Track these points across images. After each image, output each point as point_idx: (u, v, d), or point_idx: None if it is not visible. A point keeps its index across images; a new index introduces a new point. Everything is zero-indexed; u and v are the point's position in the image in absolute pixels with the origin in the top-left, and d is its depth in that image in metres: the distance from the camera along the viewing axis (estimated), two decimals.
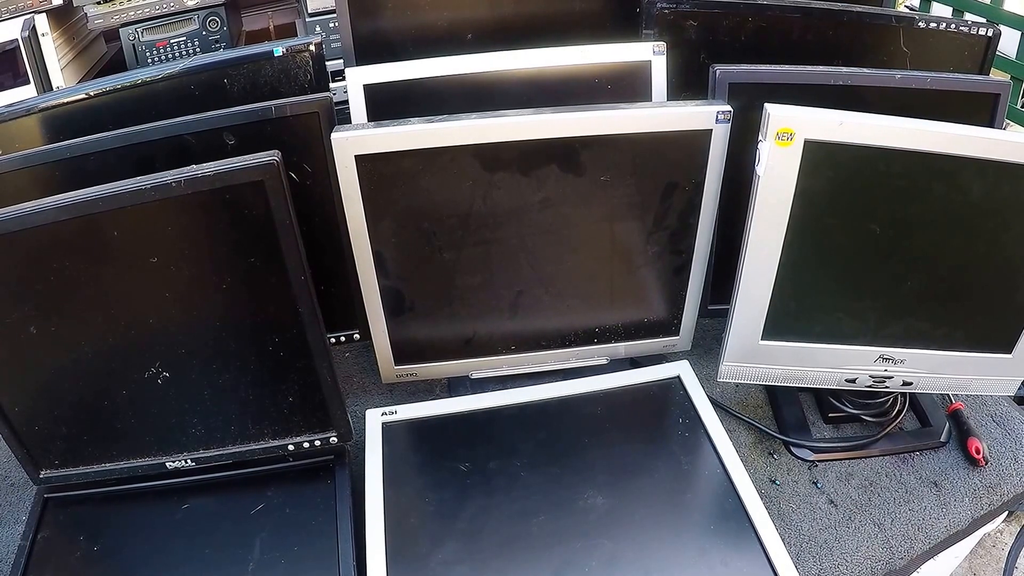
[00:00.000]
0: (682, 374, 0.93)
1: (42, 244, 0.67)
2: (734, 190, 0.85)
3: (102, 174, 0.66)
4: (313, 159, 0.84)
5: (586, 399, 0.91)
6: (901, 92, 0.87)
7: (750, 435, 0.95)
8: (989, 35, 1.02)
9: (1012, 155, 0.73)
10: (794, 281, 0.82)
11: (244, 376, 0.77)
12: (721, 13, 1.02)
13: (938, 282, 0.83)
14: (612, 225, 0.88)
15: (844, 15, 1.02)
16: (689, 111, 0.81)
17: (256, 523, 0.80)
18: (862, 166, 0.75)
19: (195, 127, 0.81)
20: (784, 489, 0.88)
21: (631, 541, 0.75)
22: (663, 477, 0.82)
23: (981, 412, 0.97)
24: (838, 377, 0.90)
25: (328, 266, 0.87)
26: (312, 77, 0.93)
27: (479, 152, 0.79)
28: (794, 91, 0.84)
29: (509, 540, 0.75)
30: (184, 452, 0.81)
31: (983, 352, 0.86)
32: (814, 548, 0.81)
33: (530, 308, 0.92)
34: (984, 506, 0.87)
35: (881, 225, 0.79)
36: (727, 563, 0.73)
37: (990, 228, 0.79)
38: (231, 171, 0.66)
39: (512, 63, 0.93)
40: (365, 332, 0.92)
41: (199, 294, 0.73)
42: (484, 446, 0.85)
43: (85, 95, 0.89)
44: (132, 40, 1.46)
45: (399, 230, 0.84)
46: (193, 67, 0.90)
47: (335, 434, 0.82)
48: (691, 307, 0.95)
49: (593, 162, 0.82)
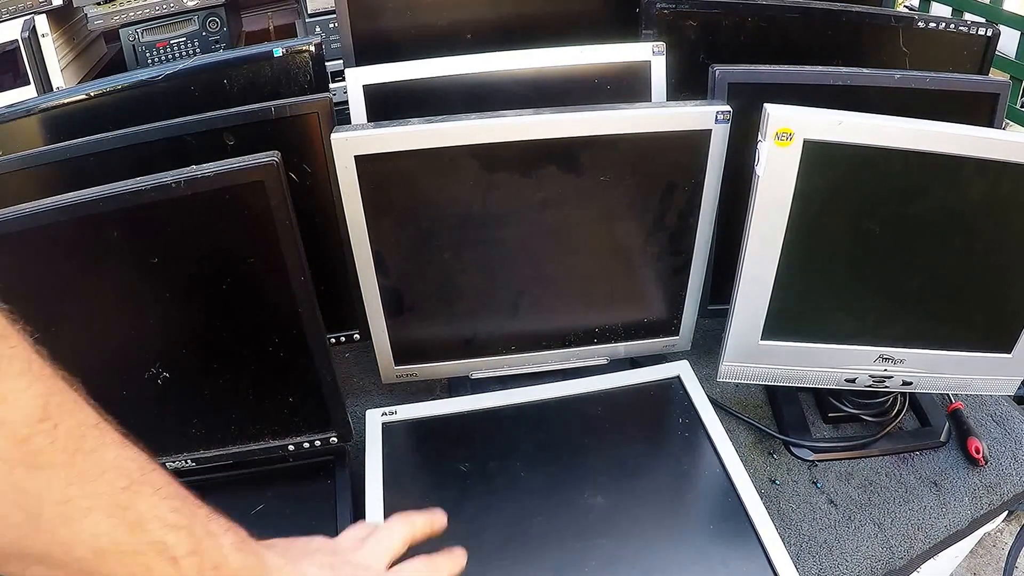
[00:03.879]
0: (682, 374, 0.93)
1: (42, 245, 0.67)
2: (734, 190, 0.85)
3: (102, 174, 0.66)
4: (313, 159, 0.84)
5: (586, 399, 0.91)
6: (901, 92, 0.87)
7: (750, 435, 0.95)
8: (989, 35, 1.03)
9: (1012, 155, 0.73)
10: (794, 281, 0.82)
11: (244, 376, 0.77)
12: (721, 13, 1.02)
13: (938, 282, 0.83)
14: (612, 225, 0.88)
15: (844, 15, 1.02)
16: (688, 111, 0.81)
17: (256, 523, 0.79)
18: (861, 166, 0.75)
19: (195, 127, 0.81)
20: (784, 489, 0.88)
21: (631, 541, 0.75)
22: (663, 477, 0.82)
23: (981, 412, 0.97)
24: (838, 377, 0.90)
25: (328, 266, 0.87)
26: (312, 78, 0.93)
27: (479, 152, 0.79)
28: (794, 91, 0.84)
29: (509, 540, 0.75)
30: (184, 452, 0.81)
31: (983, 352, 0.86)
32: (814, 548, 0.82)
33: (530, 308, 0.92)
34: (984, 506, 0.87)
35: (881, 225, 0.79)
36: (727, 563, 0.73)
37: (990, 228, 0.79)
38: (231, 171, 0.66)
39: (512, 63, 0.93)
40: (365, 332, 0.92)
41: (199, 294, 0.73)
42: (484, 446, 0.85)
43: (85, 96, 0.89)
44: (132, 41, 1.46)
45: (399, 230, 0.84)
46: (193, 67, 0.91)
47: (335, 434, 0.82)
48: (691, 307, 0.95)
49: (593, 162, 0.82)
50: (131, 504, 0.42)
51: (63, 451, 0.39)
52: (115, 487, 0.41)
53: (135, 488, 0.42)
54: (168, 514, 0.44)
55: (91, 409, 0.42)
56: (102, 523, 0.40)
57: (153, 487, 0.44)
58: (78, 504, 0.39)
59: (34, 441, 0.37)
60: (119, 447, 0.43)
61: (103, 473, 0.41)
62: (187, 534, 0.45)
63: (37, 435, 0.37)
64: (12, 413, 0.36)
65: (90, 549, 0.41)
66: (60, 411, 0.39)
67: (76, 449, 0.39)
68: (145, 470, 0.44)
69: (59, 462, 0.39)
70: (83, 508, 0.40)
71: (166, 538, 0.43)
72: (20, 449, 0.37)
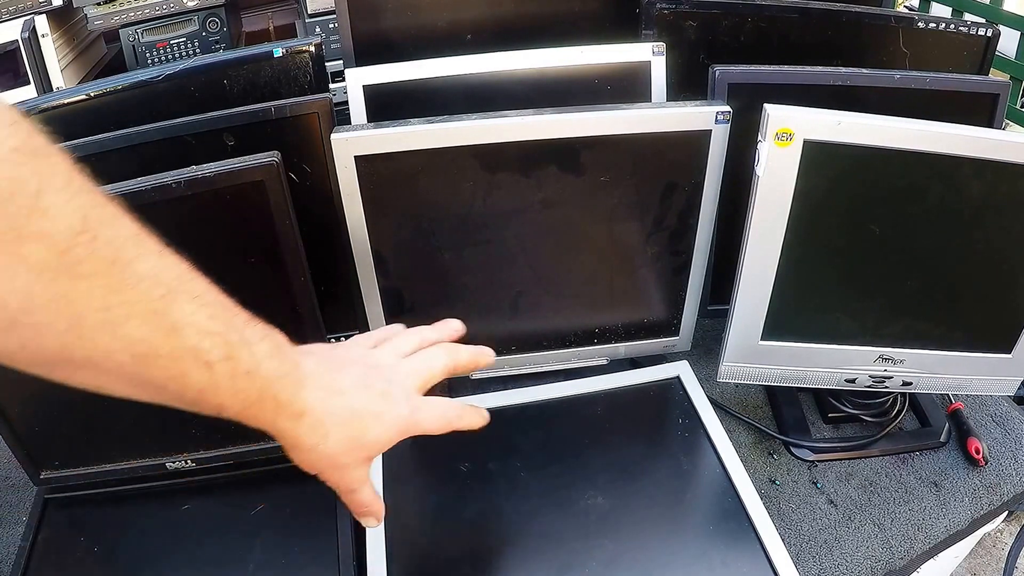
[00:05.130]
0: (682, 374, 0.94)
1: None
2: (734, 190, 0.85)
3: (102, 175, 0.66)
4: (313, 159, 0.84)
5: (586, 399, 0.91)
6: (900, 92, 0.87)
7: (750, 435, 0.95)
8: (988, 35, 1.03)
9: (1012, 155, 0.74)
10: (794, 281, 0.82)
11: None
12: (721, 13, 1.02)
13: (938, 282, 0.83)
14: (612, 225, 0.88)
15: (843, 15, 1.02)
16: (688, 111, 0.81)
17: (256, 523, 0.80)
18: (861, 166, 0.75)
19: (195, 128, 0.81)
20: (784, 489, 0.88)
21: (631, 541, 0.75)
22: (663, 477, 0.82)
23: (981, 412, 0.97)
24: (838, 377, 0.90)
25: (328, 266, 0.87)
26: (312, 78, 0.93)
27: (479, 152, 0.79)
28: (793, 91, 0.85)
29: (509, 540, 0.75)
30: (184, 452, 0.81)
31: (983, 352, 0.86)
32: (814, 548, 0.82)
33: (530, 308, 0.92)
34: (984, 506, 0.87)
35: (880, 225, 0.79)
36: (727, 563, 0.73)
37: (990, 228, 0.79)
38: (231, 171, 0.66)
39: (511, 64, 0.93)
40: (365, 332, 0.92)
41: None
42: (484, 446, 0.85)
43: (85, 96, 0.89)
44: (132, 41, 1.46)
45: (399, 230, 0.84)
46: (193, 68, 0.90)
47: None
48: (691, 307, 0.95)
49: (593, 162, 0.82)
50: (167, 311, 0.43)
51: (102, 261, 0.40)
52: (152, 295, 0.42)
53: (172, 296, 0.43)
54: (204, 321, 0.45)
55: (129, 221, 0.43)
56: (140, 329, 0.42)
57: (190, 294, 0.45)
58: (117, 311, 0.41)
59: (74, 252, 0.38)
60: (157, 256, 0.44)
61: (140, 281, 0.42)
62: (222, 340, 0.46)
63: (77, 246, 0.38)
64: (54, 224, 0.38)
65: (129, 354, 0.42)
66: (99, 223, 0.40)
67: (114, 259, 0.41)
68: (183, 279, 0.45)
69: (99, 271, 0.40)
70: (122, 315, 0.41)
71: (201, 343, 0.45)
72: (62, 259, 0.38)
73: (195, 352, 0.45)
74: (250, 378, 0.48)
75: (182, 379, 0.45)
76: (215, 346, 0.45)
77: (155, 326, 0.42)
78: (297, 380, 0.52)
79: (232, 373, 0.47)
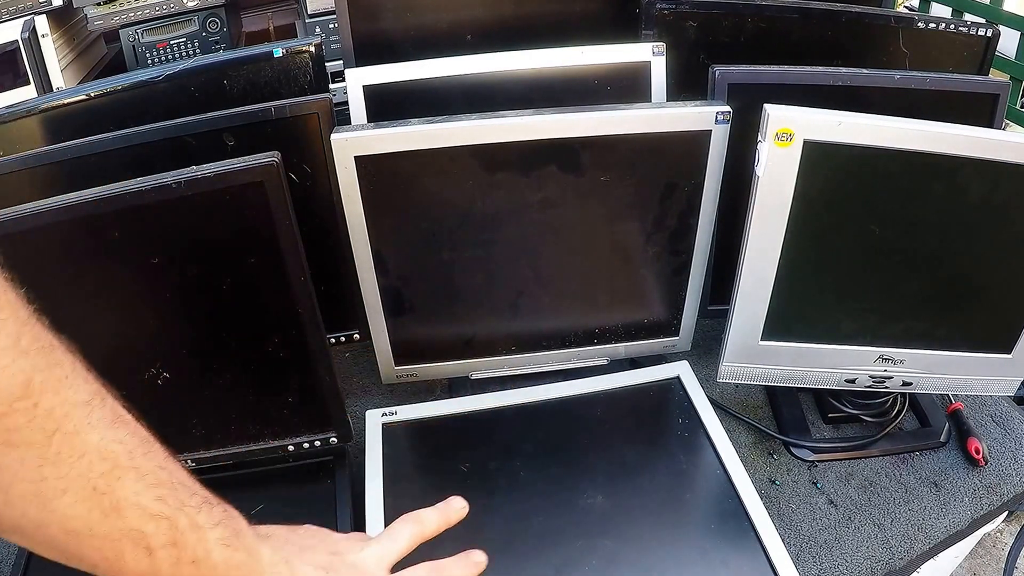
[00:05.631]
0: (682, 374, 0.93)
1: (42, 245, 0.67)
2: (734, 190, 0.85)
3: (102, 175, 0.66)
4: (313, 160, 0.84)
5: (586, 399, 0.91)
6: (901, 92, 0.87)
7: (750, 435, 0.95)
8: (988, 35, 1.03)
9: (1012, 155, 0.74)
10: (794, 281, 0.82)
11: (244, 376, 0.77)
12: (721, 13, 1.02)
13: (938, 282, 0.83)
14: (612, 225, 0.88)
15: (843, 15, 1.02)
16: (688, 112, 0.81)
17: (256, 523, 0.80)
18: (862, 166, 0.75)
19: (195, 128, 0.81)
20: (784, 489, 0.88)
21: (631, 541, 0.75)
22: (663, 477, 0.82)
23: (981, 412, 0.97)
24: (838, 377, 0.90)
25: (328, 266, 0.87)
26: (312, 78, 0.93)
27: (479, 153, 0.79)
28: (794, 91, 0.84)
29: (509, 540, 0.75)
30: (184, 452, 0.81)
31: (983, 352, 0.86)
32: (814, 548, 0.82)
33: (530, 308, 0.92)
34: (984, 506, 0.87)
35: (881, 225, 0.79)
36: (727, 563, 0.73)
37: (990, 228, 0.79)
38: (231, 172, 0.66)
39: (512, 64, 0.93)
40: (365, 332, 0.92)
41: (199, 294, 0.73)
42: (484, 446, 0.85)
43: (85, 96, 0.89)
44: (132, 41, 1.46)
45: (399, 230, 0.84)
46: (193, 68, 0.91)
47: (335, 435, 0.82)
48: (691, 307, 0.95)
49: (593, 163, 0.82)
50: (110, 488, 0.41)
51: (40, 431, 0.38)
52: (93, 471, 0.40)
53: (117, 472, 0.41)
54: (150, 502, 0.43)
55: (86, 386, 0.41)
56: (76, 506, 0.40)
57: (139, 472, 0.42)
58: (51, 485, 0.39)
59: (11, 418, 0.37)
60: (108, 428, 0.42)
61: (82, 456, 0.40)
62: (168, 524, 0.43)
63: (14, 413, 0.37)
64: None
65: (62, 529, 0.40)
66: (43, 389, 0.38)
67: (55, 429, 0.39)
68: (134, 454, 0.43)
69: (36, 441, 0.38)
70: (57, 489, 0.39)
71: (144, 527, 0.42)
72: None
73: (136, 535, 0.42)
74: (196, 567, 0.45)
75: (117, 562, 0.42)
76: (160, 530, 0.43)
77: (93, 504, 0.40)
78: (251, 572, 0.49)
79: (176, 560, 0.44)
